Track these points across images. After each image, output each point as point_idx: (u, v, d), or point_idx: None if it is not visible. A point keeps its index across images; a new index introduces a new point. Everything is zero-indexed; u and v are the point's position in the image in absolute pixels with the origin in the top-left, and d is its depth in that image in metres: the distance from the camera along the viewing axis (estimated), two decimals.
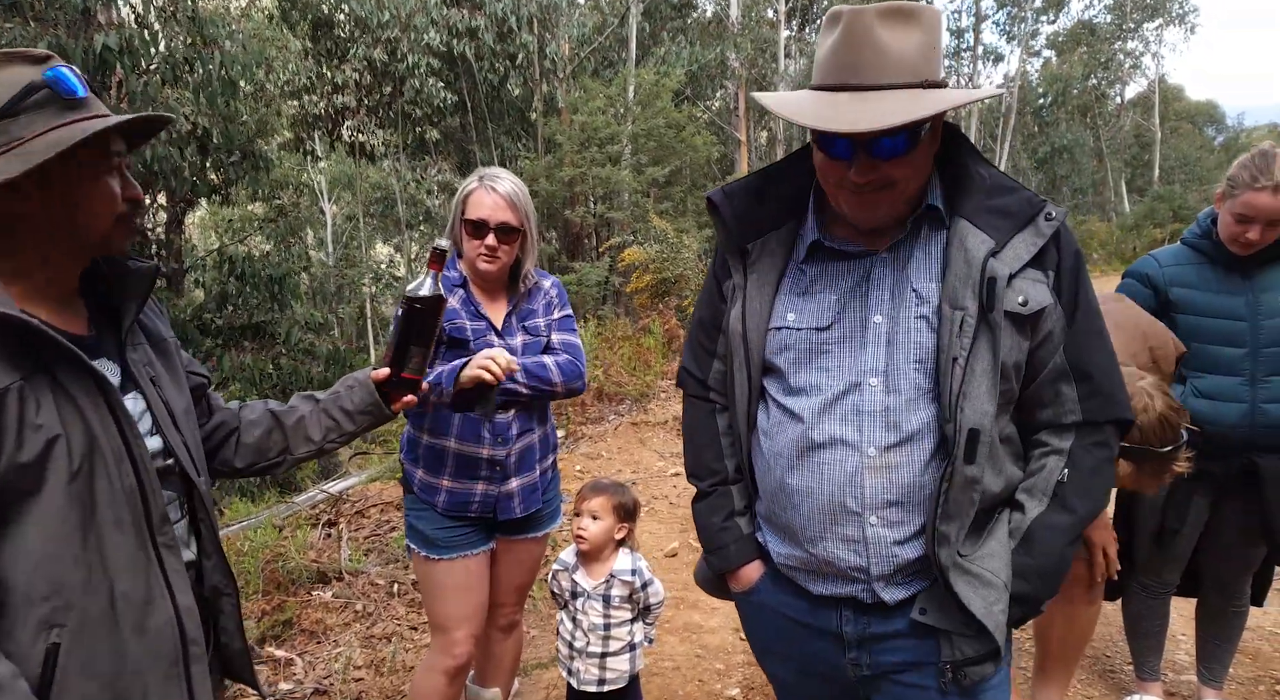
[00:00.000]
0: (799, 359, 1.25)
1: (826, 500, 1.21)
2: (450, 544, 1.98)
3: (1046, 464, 1.23)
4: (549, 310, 2.08)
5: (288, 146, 15.11)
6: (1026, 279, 1.15)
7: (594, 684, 2.00)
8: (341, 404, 1.47)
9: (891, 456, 1.17)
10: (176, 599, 1.16)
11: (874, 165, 1.11)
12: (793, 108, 1.12)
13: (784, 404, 1.26)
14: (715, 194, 1.33)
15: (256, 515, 4.50)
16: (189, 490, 1.27)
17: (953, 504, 1.15)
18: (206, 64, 6.59)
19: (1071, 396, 1.21)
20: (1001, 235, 1.15)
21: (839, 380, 1.21)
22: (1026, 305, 1.14)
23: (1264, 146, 2.10)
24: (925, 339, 1.17)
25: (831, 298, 1.24)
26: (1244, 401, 2.11)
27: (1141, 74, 27.61)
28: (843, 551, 1.21)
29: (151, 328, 1.30)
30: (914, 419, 1.17)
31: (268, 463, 1.45)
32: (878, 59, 1.06)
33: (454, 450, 1.95)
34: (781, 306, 1.27)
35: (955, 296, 1.14)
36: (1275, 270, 2.12)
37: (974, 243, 1.15)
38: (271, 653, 3.04)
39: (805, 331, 1.24)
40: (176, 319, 7.12)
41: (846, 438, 1.19)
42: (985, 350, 1.13)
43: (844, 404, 1.20)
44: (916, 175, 1.15)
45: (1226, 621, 2.41)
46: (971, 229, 1.17)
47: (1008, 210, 1.17)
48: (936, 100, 1.05)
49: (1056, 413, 1.22)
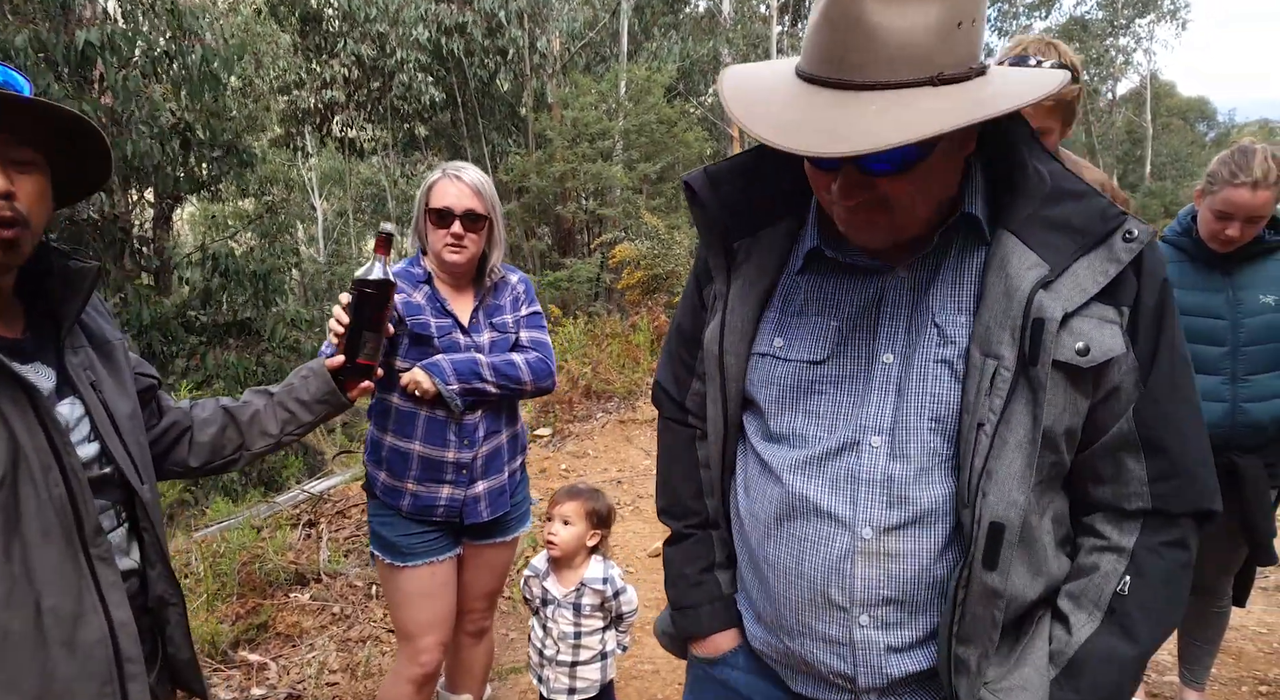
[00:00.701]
0: (783, 397, 0.98)
1: (807, 587, 0.95)
2: (415, 550, 1.94)
3: (1101, 565, 0.93)
4: (516, 306, 2.04)
5: (278, 142, 15.03)
6: (1090, 318, 0.86)
7: (564, 693, 1.97)
8: (297, 395, 1.48)
9: (892, 541, 0.91)
10: (111, 614, 1.12)
11: (865, 182, 0.84)
12: (742, 107, 0.83)
13: (760, 453, 1.01)
14: (694, 176, 1.03)
15: (237, 515, 4.45)
16: (129, 498, 1.23)
17: (970, 620, 0.89)
18: (186, 57, 6.51)
19: (1139, 475, 0.91)
20: (1059, 258, 0.86)
21: (831, 433, 0.95)
22: (1087, 354, 0.85)
23: (1243, 142, 2.07)
24: (947, 391, 0.89)
25: (831, 324, 0.96)
26: (1224, 400, 2.09)
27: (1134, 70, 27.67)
28: (824, 653, 0.96)
29: (95, 329, 1.26)
30: (926, 495, 0.90)
31: (224, 460, 1.45)
32: (868, 46, 0.76)
33: (419, 453, 1.91)
34: (768, 327, 1.01)
35: (988, 339, 0.86)
36: (1255, 268, 2.09)
37: (1019, 267, 0.86)
38: (245, 657, 3.00)
39: (794, 364, 0.97)
40: (161, 316, 7.04)
41: (835, 511, 0.93)
42: (1023, 415, 0.85)
43: (835, 465, 0.94)
44: (926, 193, 0.87)
45: (1208, 622, 2.39)
46: (1019, 248, 0.87)
47: (1070, 224, 0.87)
48: (946, 111, 0.75)
49: (1117, 494, 0.92)
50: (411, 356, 1.88)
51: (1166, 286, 0.89)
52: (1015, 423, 0.85)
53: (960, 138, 0.85)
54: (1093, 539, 0.94)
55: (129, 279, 7.20)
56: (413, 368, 1.86)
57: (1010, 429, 0.85)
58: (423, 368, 1.84)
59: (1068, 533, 0.96)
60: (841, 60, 0.78)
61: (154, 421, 1.40)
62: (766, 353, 1.00)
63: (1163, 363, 0.89)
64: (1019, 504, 0.85)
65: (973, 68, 0.79)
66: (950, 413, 0.89)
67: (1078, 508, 0.96)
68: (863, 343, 0.95)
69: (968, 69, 0.79)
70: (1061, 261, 0.86)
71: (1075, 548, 0.96)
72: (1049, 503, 0.93)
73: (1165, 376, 0.89)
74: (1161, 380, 0.89)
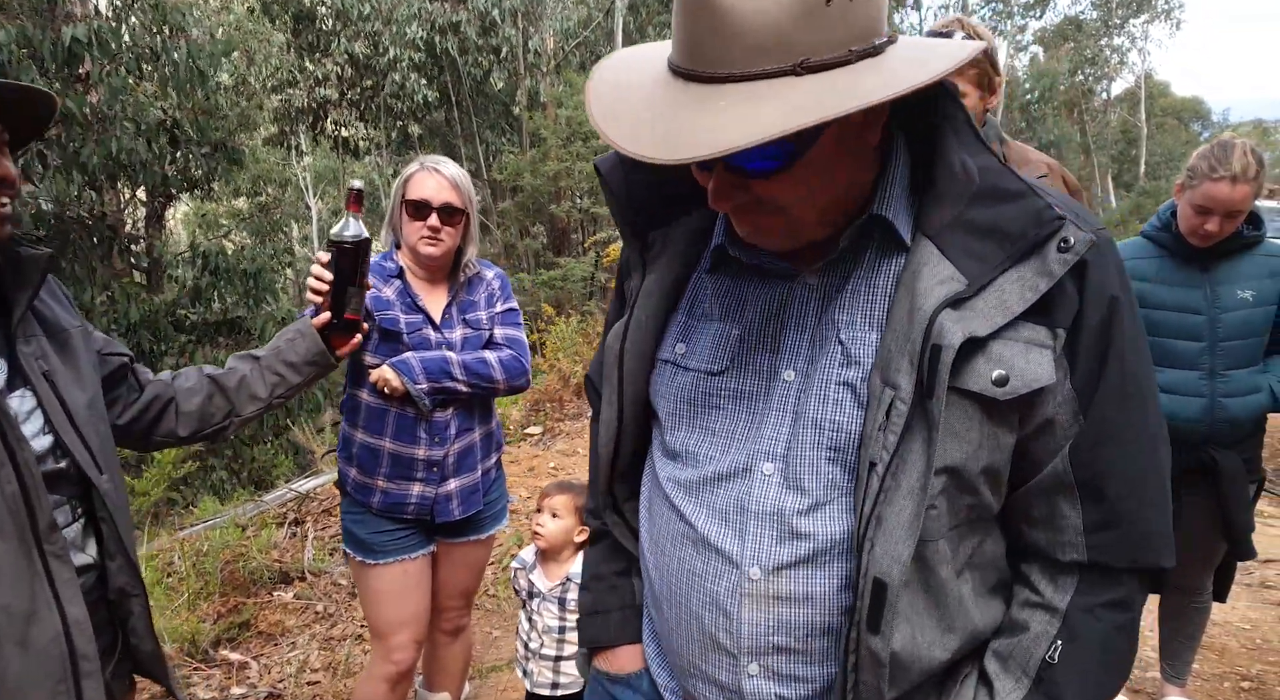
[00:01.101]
0: (679, 410, 0.87)
1: (696, 627, 0.84)
2: (386, 548, 1.92)
3: (1031, 625, 0.80)
4: (491, 302, 2.03)
5: (272, 141, 14.99)
6: (1015, 342, 0.73)
7: (547, 687, 1.96)
8: (285, 357, 1.50)
9: (783, 583, 0.78)
10: (65, 611, 1.10)
11: (739, 184, 0.73)
12: (602, 106, 0.71)
13: (657, 470, 0.91)
14: (605, 160, 0.91)
15: (223, 514, 4.43)
16: (86, 491, 1.21)
17: (862, 687, 0.76)
18: (172, 53, 6.48)
19: (1074, 523, 0.78)
20: (982, 270, 0.73)
21: (724, 454, 0.83)
22: (1006, 384, 0.72)
23: (1223, 137, 2.06)
24: (848, 418, 0.77)
25: (733, 331, 0.85)
26: (1203, 396, 2.08)
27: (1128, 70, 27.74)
28: (716, 698, 0.86)
29: (50, 317, 1.24)
30: (821, 531, 0.77)
31: (214, 427, 1.47)
32: (720, 33, 0.65)
33: (389, 450, 1.89)
34: (675, 330, 0.90)
35: (888, 366, 0.74)
36: (1233, 263, 2.09)
37: (928, 282, 0.74)
38: (226, 656, 2.98)
39: (693, 374, 0.86)
40: (150, 314, 7.02)
41: (722, 544, 0.81)
42: (918, 455, 0.73)
43: (725, 492, 0.82)
44: (818, 193, 0.75)
45: (1188, 618, 2.39)
46: (934, 258, 0.75)
47: (1000, 229, 0.74)
48: (794, 109, 0.63)
49: (1051, 542, 0.80)
50: (381, 352, 1.86)
51: (1117, 304, 0.74)
52: (910, 464, 0.73)
53: (856, 127, 0.72)
54: (1026, 591, 0.82)
55: (116, 277, 7.17)
56: (382, 364, 1.84)
57: (905, 470, 0.73)
58: (391, 365, 1.83)
59: (1002, 578, 0.84)
60: (698, 49, 0.67)
61: (134, 396, 1.41)
62: (669, 359, 0.90)
63: (1107, 394, 0.75)
64: (903, 559, 0.72)
65: (853, 51, 0.66)
66: (850, 443, 0.77)
67: (1013, 551, 0.84)
68: (764, 355, 0.83)
69: (846, 53, 0.66)
70: (984, 275, 0.73)
71: (1012, 591, 0.84)
72: (976, 546, 0.80)
73: (1109, 410, 0.76)
74: (1104, 414, 0.76)
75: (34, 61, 5.74)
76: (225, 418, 1.46)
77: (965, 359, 0.72)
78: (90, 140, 6.28)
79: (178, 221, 17.38)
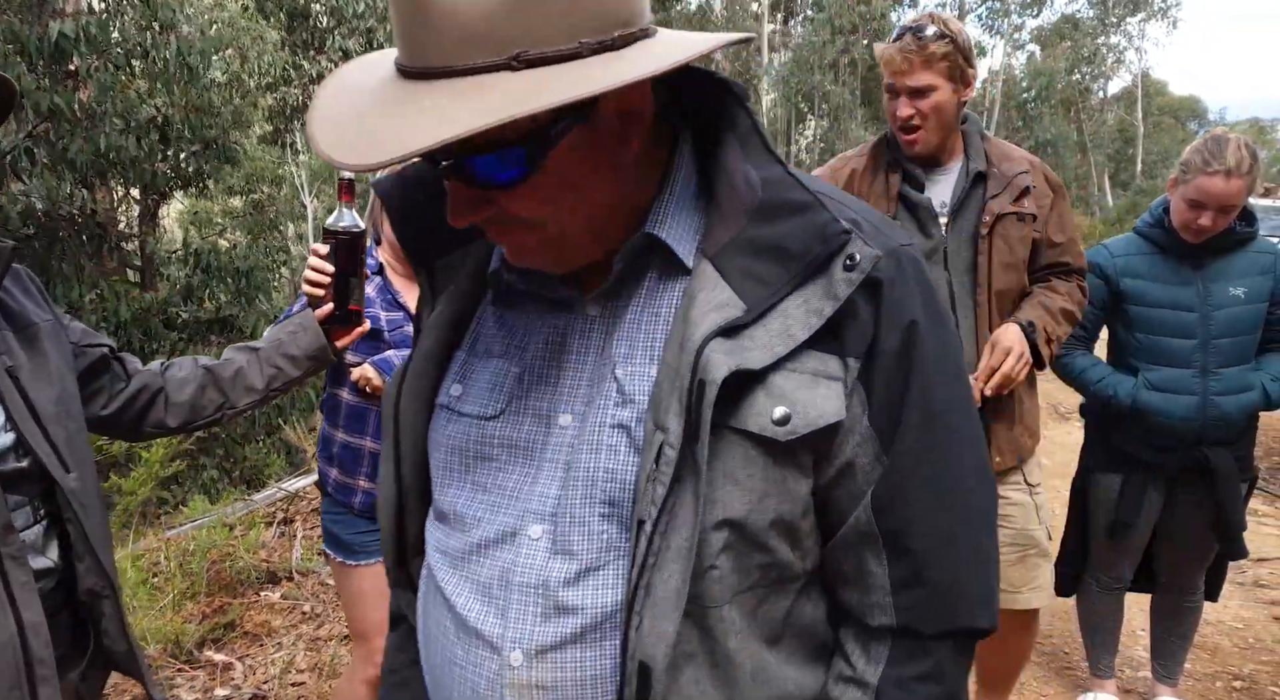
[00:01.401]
0: (450, 463, 0.75)
1: None
2: (368, 548, 1.90)
3: None
4: None
5: (266, 139, 14.94)
6: (799, 374, 0.64)
7: None
8: (286, 350, 1.49)
9: (546, 669, 0.66)
10: (21, 615, 1.08)
11: (479, 197, 0.64)
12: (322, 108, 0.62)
13: (429, 537, 0.78)
14: (383, 180, 0.79)
15: (212, 513, 4.40)
16: (50, 490, 1.18)
17: None
18: (162, 50, 6.44)
19: (881, 581, 0.68)
20: (763, 294, 0.64)
21: (494, 516, 0.71)
22: (788, 423, 0.63)
23: (1216, 131, 2.04)
24: (623, 466, 0.66)
25: (512, 370, 0.73)
26: (1195, 393, 2.07)
27: (1125, 69, 27.80)
28: None
29: (17, 311, 1.22)
30: (591, 603, 0.66)
31: (206, 418, 1.46)
32: (428, 22, 0.57)
33: (370, 449, 1.86)
34: (454, 370, 0.77)
35: (659, 406, 0.64)
36: (1225, 260, 2.08)
37: (703, 308, 0.64)
38: (210, 657, 2.95)
39: (467, 420, 0.74)
40: (140, 312, 6.98)
41: (482, 627, 0.68)
42: (689, 510, 0.63)
43: (491, 563, 0.70)
44: (572, 208, 0.65)
45: (1180, 617, 2.37)
46: (712, 281, 0.65)
47: (783, 248, 0.64)
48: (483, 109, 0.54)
49: (861, 602, 0.70)
50: (362, 350, 1.83)
51: (916, 329, 0.64)
52: (680, 520, 0.62)
53: (606, 135, 0.63)
54: (840, 663, 0.72)
55: (106, 275, 7.13)
56: (363, 363, 1.81)
57: (674, 528, 0.62)
58: (372, 364, 1.80)
59: (825, 641, 0.73)
60: (412, 42, 0.59)
61: (120, 386, 1.39)
62: (444, 403, 0.76)
63: (909, 432, 0.66)
64: (668, 637, 0.62)
65: (584, 43, 0.57)
66: (626, 495, 0.65)
67: (831, 615, 0.74)
68: (545, 397, 0.71)
69: (576, 45, 0.57)
70: (766, 299, 0.63)
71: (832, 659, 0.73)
72: (789, 609, 0.70)
73: (914, 449, 0.66)
74: (909, 454, 0.66)
75: (21, 57, 5.69)
76: (218, 410, 1.45)
77: (742, 394, 0.62)
78: (79, 137, 6.24)
79: (173, 219, 17.32)
